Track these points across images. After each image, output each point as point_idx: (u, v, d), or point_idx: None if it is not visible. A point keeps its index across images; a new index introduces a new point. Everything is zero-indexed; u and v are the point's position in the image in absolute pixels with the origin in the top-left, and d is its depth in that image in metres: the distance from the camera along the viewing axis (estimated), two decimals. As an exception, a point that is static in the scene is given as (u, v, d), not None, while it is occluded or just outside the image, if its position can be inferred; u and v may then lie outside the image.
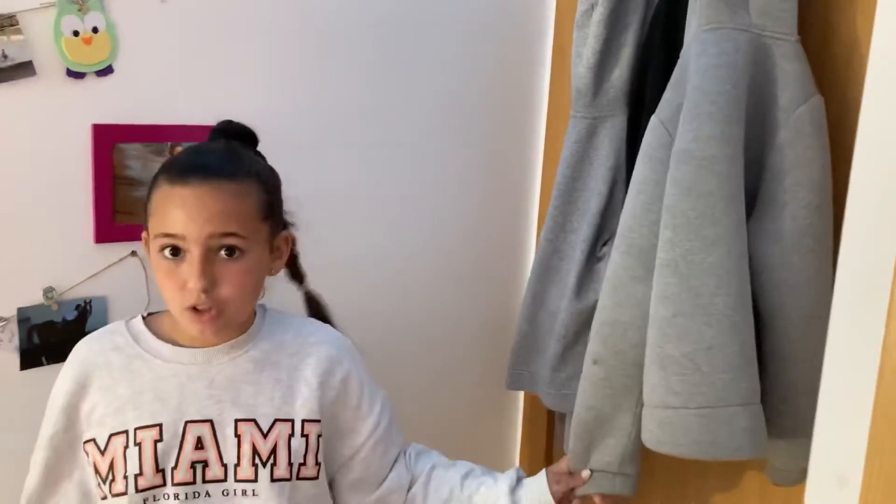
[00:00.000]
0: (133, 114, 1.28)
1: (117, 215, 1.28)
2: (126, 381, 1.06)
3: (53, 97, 1.20)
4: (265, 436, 1.07)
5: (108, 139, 1.25)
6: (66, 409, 1.06)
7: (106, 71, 1.24)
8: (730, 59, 1.16)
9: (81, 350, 1.09)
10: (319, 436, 1.11)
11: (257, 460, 1.06)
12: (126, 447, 1.03)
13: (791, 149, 1.16)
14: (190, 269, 0.99)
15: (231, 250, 1.01)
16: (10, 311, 1.22)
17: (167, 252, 1.00)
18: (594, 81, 1.42)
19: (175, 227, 0.99)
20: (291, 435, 1.08)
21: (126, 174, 1.28)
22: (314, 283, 1.28)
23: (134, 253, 1.31)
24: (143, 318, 1.12)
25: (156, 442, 1.03)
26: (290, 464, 1.07)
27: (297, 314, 1.21)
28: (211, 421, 1.05)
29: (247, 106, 1.38)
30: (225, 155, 1.06)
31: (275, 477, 1.06)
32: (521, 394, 1.85)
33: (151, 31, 1.27)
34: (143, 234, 1.07)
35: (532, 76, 1.74)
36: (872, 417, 0.68)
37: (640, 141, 1.29)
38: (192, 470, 1.04)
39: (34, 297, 1.23)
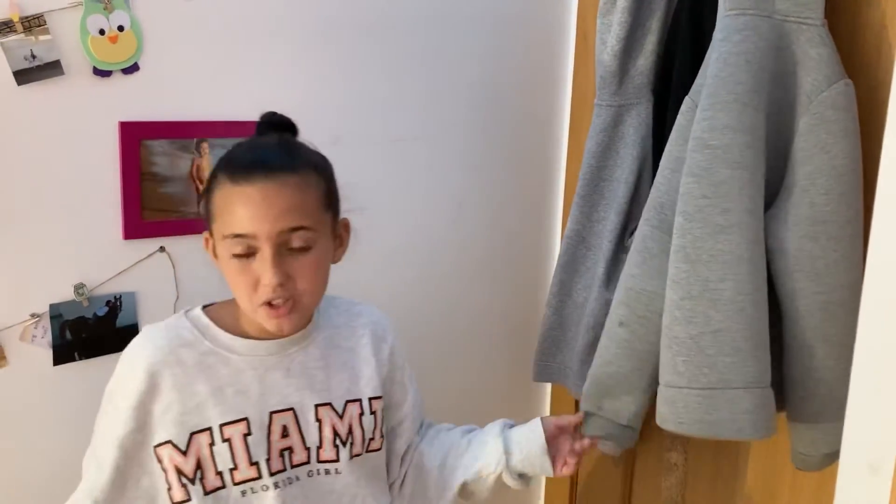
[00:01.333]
0: (159, 111, 1.29)
1: (145, 212, 1.29)
2: (202, 377, 1.05)
3: (81, 96, 1.22)
4: (341, 417, 1.11)
5: (134, 136, 1.26)
6: (136, 409, 1.03)
7: (132, 69, 1.25)
8: (751, 47, 1.16)
9: (147, 348, 1.06)
10: (382, 409, 1.17)
11: (338, 441, 1.10)
12: (212, 444, 1.04)
13: (813, 135, 1.15)
14: (262, 266, 0.99)
15: (301, 244, 1.01)
16: (43, 308, 1.24)
17: (238, 251, 1.00)
18: (619, 69, 1.41)
19: (245, 226, 0.99)
20: (362, 414, 1.13)
21: (153, 170, 1.29)
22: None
23: (162, 249, 1.33)
24: (203, 309, 1.11)
25: (245, 436, 1.05)
26: (364, 440, 1.13)
27: (340, 296, 1.21)
28: (293, 409, 1.08)
29: (271, 101, 1.37)
30: (282, 149, 1.06)
31: (353, 454, 1.12)
32: (548, 386, 1.84)
33: (176, 28, 1.28)
34: (205, 236, 1.08)
35: (555, 65, 1.73)
36: (906, 404, 0.67)
37: (667, 128, 1.28)
38: (281, 457, 1.07)
39: (65, 294, 1.25)
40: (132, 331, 1.31)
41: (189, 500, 1.04)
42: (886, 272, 0.74)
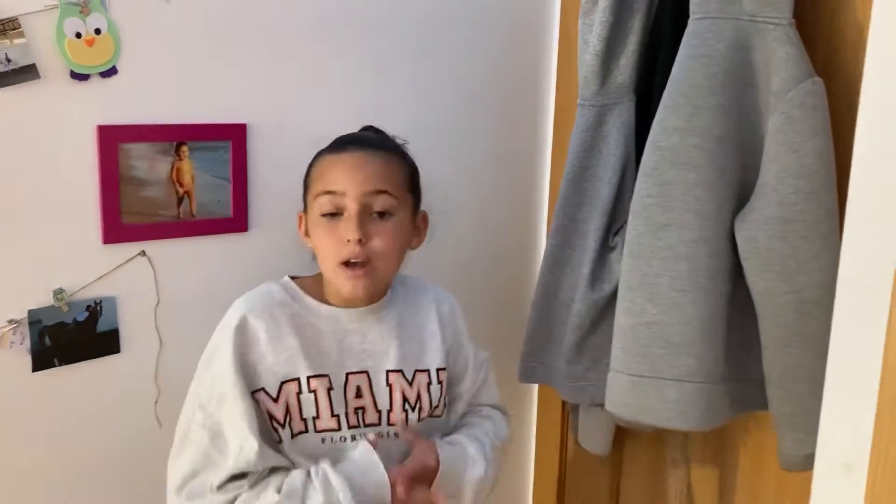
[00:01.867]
0: (138, 114, 1.28)
1: (125, 215, 1.28)
2: (293, 333, 1.15)
3: (58, 99, 1.21)
4: (410, 384, 1.20)
5: (113, 140, 1.25)
6: (235, 360, 1.11)
7: (110, 72, 1.24)
8: (709, 50, 1.18)
9: (243, 306, 1.16)
10: (447, 379, 1.26)
11: (406, 406, 1.19)
12: (299, 393, 1.13)
13: (781, 134, 1.16)
14: (347, 224, 1.11)
15: (382, 208, 1.13)
16: (21, 314, 1.23)
17: (327, 209, 1.13)
18: (601, 68, 1.41)
19: (336, 184, 1.12)
20: (430, 383, 1.22)
21: (132, 174, 1.28)
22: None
23: (143, 253, 1.32)
24: (293, 280, 1.22)
25: (328, 390, 1.14)
26: (430, 407, 1.22)
27: (413, 276, 1.31)
28: (367, 372, 1.17)
29: (251, 103, 1.38)
30: (376, 135, 1.24)
31: (421, 418, 1.21)
32: (535, 386, 1.84)
33: (154, 31, 1.27)
34: (299, 213, 1.22)
35: (539, 66, 1.73)
36: (878, 404, 0.67)
37: (650, 127, 1.29)
38: (356, 414, 1.17)
39: (44, 299, 1.24)
40: (112, 336, 1.31)
41: (280, 441, 1.13)
42: (858, 271, 0.74)
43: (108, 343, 1.31)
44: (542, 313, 1.54)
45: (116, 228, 1.28)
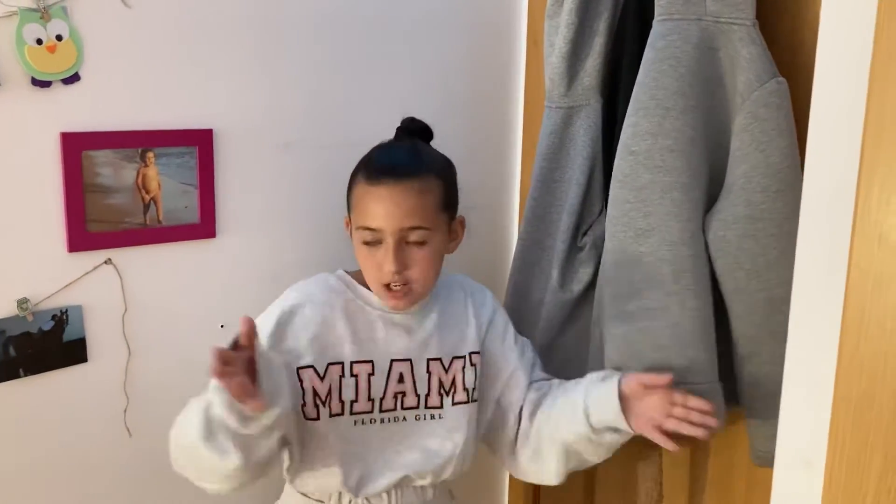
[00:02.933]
0: (102, 121, 1.27)
1: (90, 223, 1.27)
2: (344, 319, 1.24)
3: (19, 107, 1.19)
4: (447, 371, 1.29)
5: (77, 147, 1.24)
6: (278, 326, 1.21)
7: (72, 78, 1.23)
8: (676, 52, 1.18)
9: (300, 290, 1.27)
10: (480, 364, 1.32)
11: (442, 391, 1.28)
12: (342, 376, 1.22)
13: (748, 133, 1.17)
14: (385, 255, 1.19)
15: (418, 240, 1.20)
16: (-15, 324, 1.21)
17: (367, 240, 1.20)
18: (567, 70, 1.42)
19: (374, 221, 1.19)
20: (464, 367, 1.29)
21: (97, 181, 1.27)
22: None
23: (108, 261, 1.30)
24: (346, 272, 1.30)
25: (369, 375, 1.24)
26: (465, 389, 1.29)
27: (456, 275, 1.38)
28: (410, 360, 1.26)
29: (217, 109, 1.37)
30: (410, 155, 1.24)
31: (455, 401, 1.29)
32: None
33: (118, 36, 1.26)
34: (346, 219, 1.28)
35: (507, 68, 1.74)
36: (833, 402, 0.68)
37: (617, 129, 1.30)
38: (394, 399, 1.26)
39: (8, 309, 1.23)
40: (79, 345, 1.29)
41: (318, 419, 1.21)
42: (813, 269, 0.75)
43: (74, 352, 1.29)
44: (513, 314, 1.53)
45: (81, 236, 1.27)
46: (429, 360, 1.29)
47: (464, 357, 1.30)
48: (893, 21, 0.68)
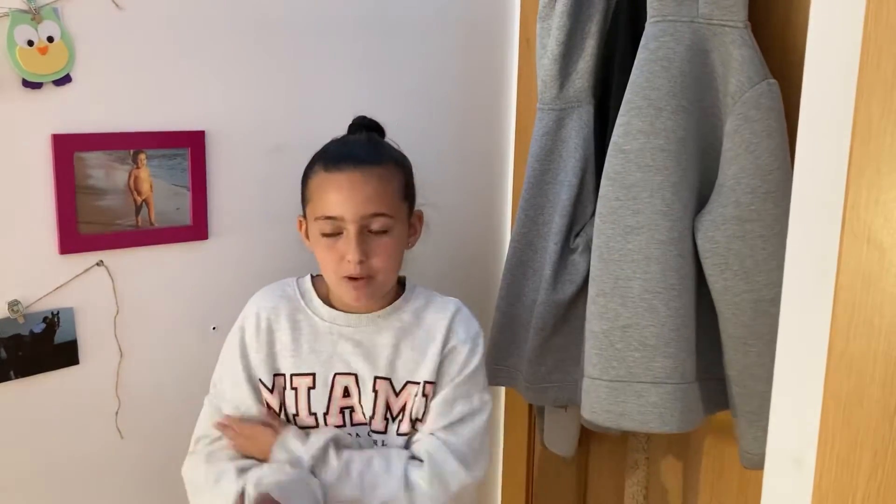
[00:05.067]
0: (94, 122, 1.26)
1: (81, 225, 1.27)
2: (289, 330, 1.22)
3: (10, 108, 1.19)
4: (397, 394, 1.22)
5: (68, 149, 1.24)
6: (240, 346, 1.22)
7: (64, 80, 1.23)
8: (668, 53, 1.19)
9: (255, 300, 1.26)
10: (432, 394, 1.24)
11: (388, 416, 1.22)
12: (284, 388, 1.21)
13: (738, 135, 1.18)
14: (347, 244, 1.15)
15: (380, 228, 1.16)
16: (-24, 327, 1.21)
17: (327, 231, 1.16)
18: (560, 72, 1.42)
19: (334, 209, 1.15)
20: (416, 395, 1.22)
21: (89, 183, 1.27)
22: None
23: (100, 263, 1.30)
24: (312, 277, 1.27)
25: (309, 389, 1.21)
26: (412, 419, 1.22)
27: (442, 296, 1.31)
28: (356, 374, 1.21)
29: (209, 110, 1.37)
30: (369, 145, 1.22)
31: (399, 431, 1.22)
32: (502, 389, 1.84)
33: (109, 38, 1.26)
34: (299, 218, 1.25)
35: (500, 70, 1.74)
36: (823, 401, 0.69)
37: (609, 130, 1.30)
38: (341, 414, 1.21)
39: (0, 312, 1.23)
40: (71, 347, 1.29)
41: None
42: (802, 270, 0.76)
43: (66, 355, 1.29)
44: (506, 316, 1.54)
45: (73, 238, 1.26)
46: (376, 377, 1.22)
47: (418, 384, 1.22)
48: (881, 24, 0.69)
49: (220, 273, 1.43)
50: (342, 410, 1.21)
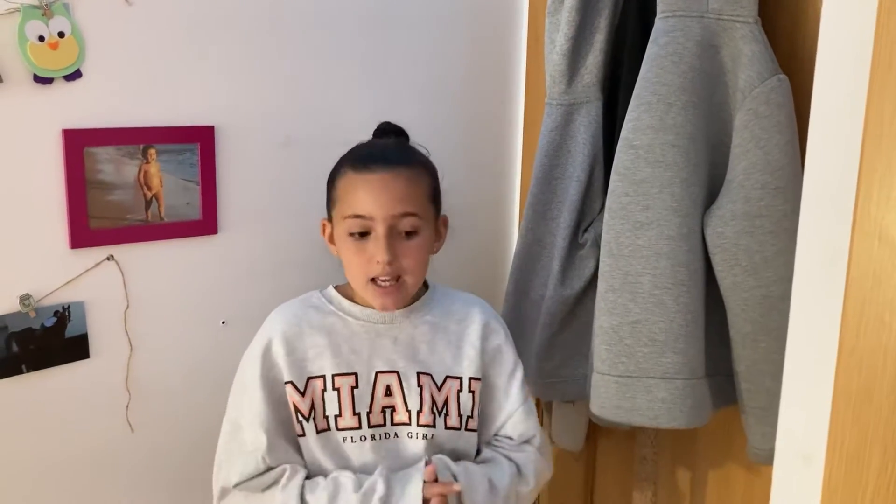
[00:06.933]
0: (104, 117, 1.27)
1: (92, 220, 1.28)
2: (324, 332, 1.19)
3: (21, 104, 1.20)
4: (439, 389, 1.20)
5: (79, 144, 1.24)
6: (264, 354, 1.16)
7: (74, 75, 1.23)
8: (678, 48, 1.19)
9: (279, 313, 1.22)
10: (480, 392, 1.23)
11: (434, 409, 1.19)
12: (324, 390, 1.17)
13: (748, 130, 1.17)
14: (376, 245, 1.13)
15: (409, 229, 1.15)
16: (-13, 320, 1.22)
17: (356, 230, 1.14)
18: (568, 67, 1.42)
19: (364, 208, 1.13)
20: (460, 390, 1.21)
21: (99, 178, 1.27)
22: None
23: (111, 257, 1.31)
24: (335, 287, 1.25)
25: (352, 388, 1.17)
26: (460, 415, 1.21)
27: (462, 291, 1.31)
28: (397, 372, 1.19)
29: (218, 105, 1.37)
30: (398, 147, 1.22)
31: (448, 425, 1.20)
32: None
33: (119, 33, 1.26)
34: (323, 221, 1.23)
35: (508, 66, 1.74)
36: (833, 397, 0.69)
37: (618, 126, 1.30)
38: (382, 413, 1.18)
39: (10, 305, 1.23)
40: (81, 341, 1.30)
41: (304, 435, 1.16)
42: (813, 266, 0.76)
43: (77, 348, 1.30)
44: (514, 311, 1.55)
45: (84, 233, 1.27)
46: (419, 373, 1.20)
47: (459, 379, 1.22)
48: (894, 18, 0.69)
49: (230, 267, 1.43)
50: (383, 410, 1.19)
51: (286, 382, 1.16)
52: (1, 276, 1.22)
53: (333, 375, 1.17)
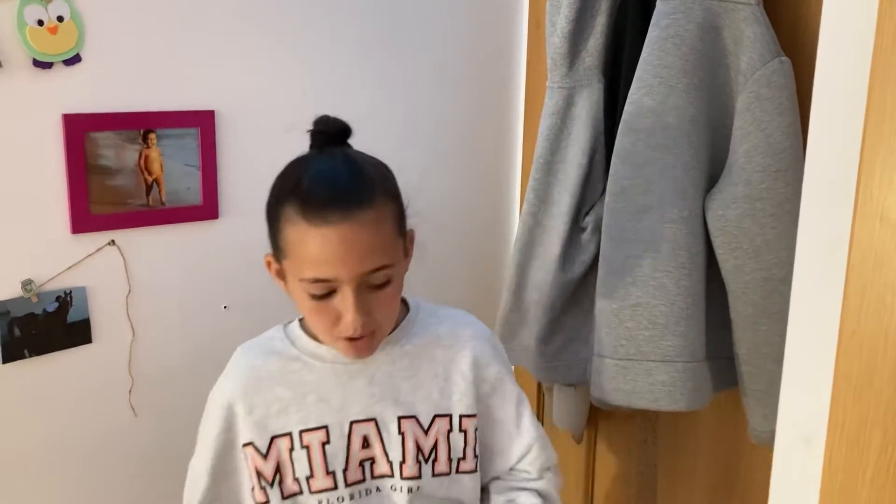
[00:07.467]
0: (104, 102, 1.27)
1: (93, 205, 1.28)
2: (286, 382, 1.05)
3: (21, 88, 1.19)
4: (426, 432, 1.06)
5: (79, 129, 1.24)
6: (225, 409, 1.04)
7: (73, 60, 1.23)
8: (679, 30, 1.18)
9: (239, 355, 1.09)
10: (476, 430, 1.09)
11: (420, 457, 1.06)
12: (291, 450, 1.03)
13: (749, 113, 1.17)
14: (344, 304, 0.96)
15: (382, 281, 0.98)
16: (-10, 306, 1.22)
17: (317, 293, 0.97)
18: (569, 50, 1.41)
19: (326, 271, 0.94)
20: (450, 430, 1.07)
21: (100, 163, 1.27)
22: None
23: (112, 242, 1.31)
24: (301, 321, 1.10)
25: (323, 444, 1.04)
26: (450, 459, 1.07)
27: (449, 307, 1.16)
28: (375, 419, 1.05)
29: (219, 90, 1.37)
30: (353, 177, 0.97)
31: (436, 472, 1.07)
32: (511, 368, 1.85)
33: (119, 17, 1.26)
34: (267, 258, 1.03)
35: (509, 49, 1.73)
36: (834, 379, 0.69)
37: (619, 109, 1.30)
38: (360, 468, 1.05)
39: (12, 290, 1.23)
40: (84, 326, 1.30)
41: (267, 502, 1.04)
42: (814, 248, 0.76)
43: (79, 333, 1.30)
44: (515, 295, 1.54)
45: (85, 218, 1.27)
46: (400, 417, 1.05)
47: (449, 416, 1.07)
48: (897, -1, 0.68)
49: (231, 252, 1.43)
50: (362, 464, 1.05)
51: (245, 445, 1.03)
52: (3, 261, 1.22)
53: (301, 432, 1.03)
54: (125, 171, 1.30)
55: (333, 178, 0.97)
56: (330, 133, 1.02)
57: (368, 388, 1.05)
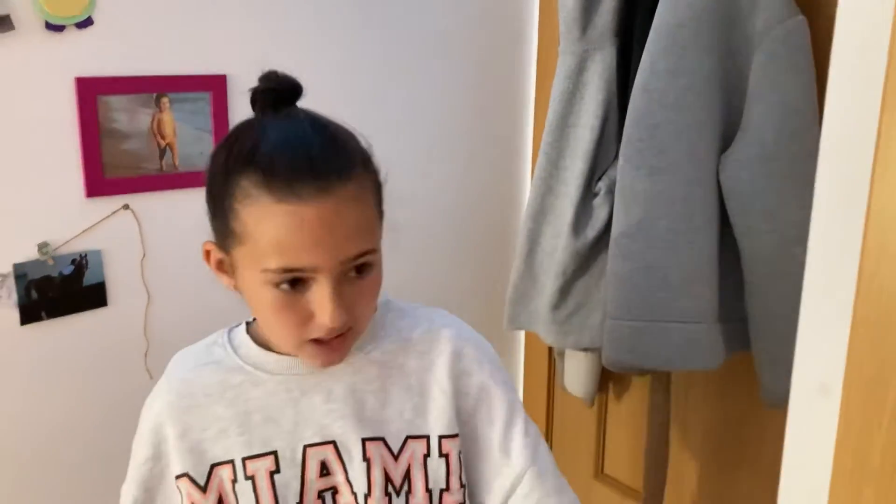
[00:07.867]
0: (116, 65, 1.27)
1: (107, 169, 1.28)
2: (225, 400, 0.86)
3: (34, 51, 1.19)
4: (396, 458, 0.86)
5: (91, 92, 1.24)
6: (153, 433, 0.87)
7: (86, 23, 1.23)
8: None
9: (172, 365, 0.92)
10: (460, 453, 0.88)
11: (391, 488, 0.85)
12: (234, 481, 0.85)
13: (765, 72, 1.17)
14: (320, 298, 0.76)
15: (364, 264, 0.79)
16: (7, 268, 1.23)
17: (283, 285, 0.77)
18: (582, 15, 1.40)
19: (300, 259, 0.75)
20: (427, 455, 0.87)
21: (113, 127, 1.27)
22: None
23: (126, 206, 1.31)
24: (248, 324, 0.91)
25: (271, 473, 0.85)
26: (429, 490, 0.86)
27: (424, 306, 0.95)
28: (334, 442, 0.85)
29: (231, 54, 1.37)
30: (327, 144, 0.78)
31: None
32: (522, 333, 1.86)
33: (130, -20, 1.26)
34: (206, 247, 0.87)
35: (521, 13, 1.72)
36: (852, 324, 0.69)
37: (632, 72, 1.29)
38: (320, 500, 0.86)
39: (29, 253, 1.24)
40: (99, 289, 1.31)
41: None
42: (833, 192, 0.76)
43: (94, 296, 1.31)
44: (526, 261, 1.55)
45: (99, 182, 1.28)
46: (364, 440, 0.85)
47: (426, 438, 0.87)
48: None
49: (244, 217, 1.44)
50: (321, 495, 0.85)
51: (179, 476, 0.85)
52: (19, 225, 1.23)
53: (244, 459, 0.84)
54: (138, 134, 1.30)
55: (303, 144, 0.76)
56: (280, 91, 0.83)
57: (326, 405, 0.85)
